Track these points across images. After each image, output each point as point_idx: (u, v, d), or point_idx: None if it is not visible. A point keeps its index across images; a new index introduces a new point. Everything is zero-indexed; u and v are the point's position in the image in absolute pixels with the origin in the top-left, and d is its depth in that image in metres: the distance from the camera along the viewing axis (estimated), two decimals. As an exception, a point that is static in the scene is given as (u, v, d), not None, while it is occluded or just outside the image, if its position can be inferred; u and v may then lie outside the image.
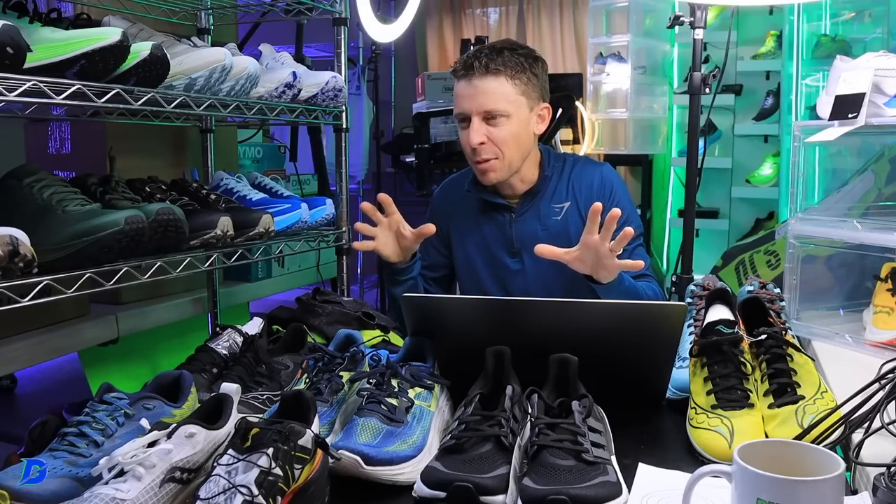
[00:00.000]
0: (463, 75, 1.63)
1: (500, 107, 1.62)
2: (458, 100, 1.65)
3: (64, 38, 1.11)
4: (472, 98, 1.62)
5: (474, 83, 1.61)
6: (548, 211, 1.71)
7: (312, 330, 1.60)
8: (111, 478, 0.83)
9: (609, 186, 1.71)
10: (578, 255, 1.43)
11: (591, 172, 1.73)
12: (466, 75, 1.62)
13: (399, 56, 4.78)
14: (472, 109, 1.62)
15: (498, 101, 1.61)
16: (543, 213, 1.71)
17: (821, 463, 0.75)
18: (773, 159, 3.65)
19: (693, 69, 2.26)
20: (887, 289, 1.42)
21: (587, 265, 1.44)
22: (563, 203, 1.71)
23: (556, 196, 1.72)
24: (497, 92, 1.61)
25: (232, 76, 1.43)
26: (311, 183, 2.91)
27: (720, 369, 1.10)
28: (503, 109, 1.62)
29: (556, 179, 1.73)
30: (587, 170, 1.74)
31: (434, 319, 1.21)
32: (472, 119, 1.62)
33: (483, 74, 1.61)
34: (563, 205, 1.71)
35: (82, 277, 1.18)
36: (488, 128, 1.62)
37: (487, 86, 1.61)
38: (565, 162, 1.76)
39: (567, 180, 1.73)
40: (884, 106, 1.41)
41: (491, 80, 1.61)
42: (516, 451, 0.96)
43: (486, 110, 1.61)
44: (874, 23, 2.95)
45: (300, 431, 0.86)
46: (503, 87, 1.62)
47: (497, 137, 1.62)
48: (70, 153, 1.95)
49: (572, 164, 1.76)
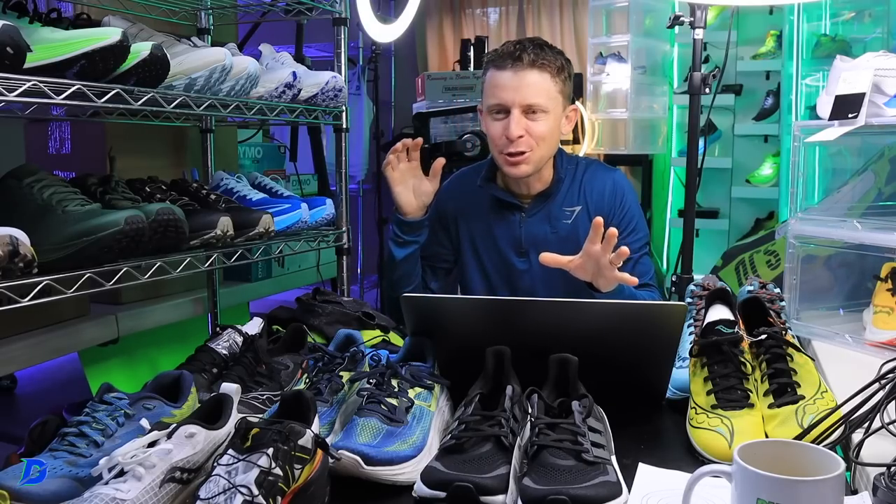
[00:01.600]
0: (508, 65, 1.60)
1: (543, 101, 1.61)
2: (498, 90, 1.62)
3: (64, 38, 1.11)
4: (517, 90, 1.60)
5: (520, 74, 1.60)
6: (559, 214, 1.71)
7: (312, 330, 1.60)
8: (111, 478, 0.83)
9: (620, 194, 1.71)
10: (580, 263, 1.44)
11: (604, 178, 1.73)
12: (513, 65, 1.60)
13: (399, 56, 4.78)
14: (514, 101, 1.60)
15: (541, 95, 1.61)
16: (554, 216, 1.70)
17: (821, 463, 0.75)
18: (773, 159, 3.65)
19: (693, 69, 2.26)
20: (887, 289, 1.42)
21: (588, 273, 1.45)
22: (574, 207, 1.71)
23: (567, 199, 1.72)
24: (542, 86, 1.61)
25: (232, 76, 1.43)
26: (311, 183, 2.91)
27: (720, 369, 1.10)
28: (545, 105, 1.62)
29: (569, 182, 1.73)
30: (599, 175, 1.73)
31: (434, 319, 1.21)
32: (512, 111, 1.60)
33: (530, 66, 1.60)
34: (575, 209, 1.71)
35: (82, 277, 1.18)
36: (527, 121, 1.61)
37: (533, 79, 1.60)
38: (577, 165, 1.76)
39: (579, 184, 1.72)
40: (884, 106, 1.41)
41: (537, 74, 1.60)
42: (516, 451, 0.96)
43: (529, 103, 1.60)
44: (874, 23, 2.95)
45: (300, 431, 0.86)
46: (547, 83, 1.62)
47: (535, 132, 1.62)
48: (70, 153, 1.95)
49: (584, 167, 1.75)
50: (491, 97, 1.64)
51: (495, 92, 1.63)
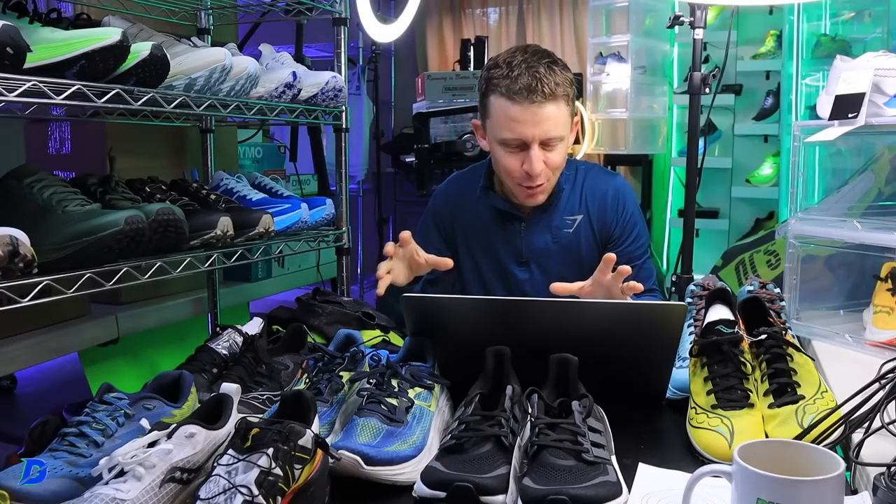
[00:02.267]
0: (524, 98, 1.50)
1: (560, 133, 1.55)
2: (515, 124, 1.52)
3: (64, 38, 1.11)
4: (536, 125, 1.51)
5: (538, 109, 1.51)
6: (560, 223, 1.68)
7: (312, 330, 1.60)
8: (111, 478, 0.83)
9: (622, 202, 1.68)
10: (590, 290, 1.41)
11: (605, 185, 1.69)
12: (529, 98, 1.50)
13: (399, 56, 4.78)
14: (534, 136, 1.52)
15: (559, 126, 1.54)
16: (555, 225, 1.68)
17: (821, 463, 0.75)
18: (773, 159, 3.65)
19: (693, 69, 2.26)
20: (887, 289, 1.42)
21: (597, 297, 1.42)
22: (575, 216, 1.68)
23: (568, 208, 1.68)
24: (559, 118, 1.54)
25: (232, 76, 1.43)
26: (311, 183, 2.91)
27: (720, 369, 1.10)
28: (562, 134, 1.56)
29: (569, 190, 1.69)
30: (601, 182, 1.70)
31: (434, 319, 1.21)
32: (531, 146, 1.53)
33: (549, 99, 1.51)
34: (576, 217, 1.68)
35: (82, 277, 1.18)
36: (545, 153, 1.55)
37: (550, 112, 1.52)
38: (577, 171, 1.71)
39: (580, 191, 1.69)
40: (884, 106, 1.41)
41: (553, 106, 1.52)
42: (516, 451, 0.96)
43: (549, 137, 1.54)
44: (874, 23, 2.95)
45: (300, 431, 0.86)
46: (563, 111, 1.55)
47: (553, 162, 1.57)
48: (70, 153, 1.95)
49: (584, 173, 1.71)
50: (506, 130, 1.54)
51: (512, 126, 1.53)
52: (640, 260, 1.67)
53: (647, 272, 1.67)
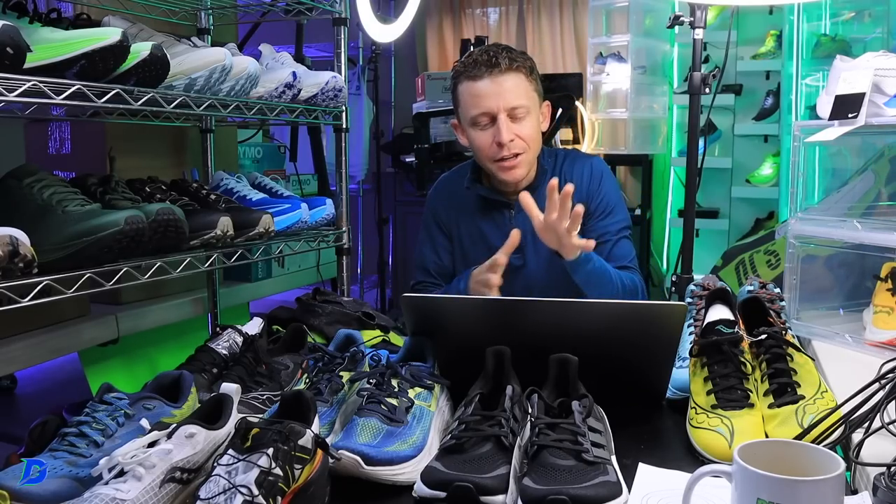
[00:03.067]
0: (485, 73, 1.61)
1: (525, 101, 1.64)
2: (480, 99, 1.63)
3: (64, 38, 1.11)
4: (499, 95, 1.61)
5: (499, 79, 1.61)
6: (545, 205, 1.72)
7: (312, 330, 1.60)
8: (111, 478, 0.83)
9: (598, 176, 1.74)
10: (543, 227, 1.50)
11: (582, 164, 1.76)
12: (489, 73, 1.61)
13: (399, 56, 4.78)
14: (499, 106, 1.61)
15: (522, 96, 1.63)
16: (542, 208, 1.71)
17: (821, 463, 0.75)
18: (773, 159, 3.65)
19: (693, 69, 2.25)
20: (887, 289, 1.42)
21: (553, 242, 1.51)
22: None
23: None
24: (521, 87, 1.63)
25: (232, 76, 1.43)
26: (311, 183, 2.91)
27: (720, 369, 1.10)
28: (527, 105, 1.64)
29: (551, 174, 1.75)
30: (578, 162, 1.77)
31: (434, 319, 1.21)
32: (498, 116, 1.61)
33: (507, 70, 1.61)
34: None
35: (82, 277, 1.18)
36: (513, 124, 1.63)
37: (512, 81, 1.62)
38: (557, 156, 1.79)
39: (560, 174, 1.75)
40: (884, 106, 1.41)
41: (514, 76, 1.62)
42: (516, 451, 0.96)
43: (513, 106, 1.62)
44: (874, 23, 2.95)
45: (300, 431, 0.86)
46: (524, 83, 1.64)
47: (523, 133, 1.64)
48: (70, 153, 1.95)
49: (563, 157, 1.79)
50: (473, 108, 1.64)
51: (476, 102, 1.63)
52: (617, 237, 1.71)
53: (623, 250, 1.71)
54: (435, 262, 1.81)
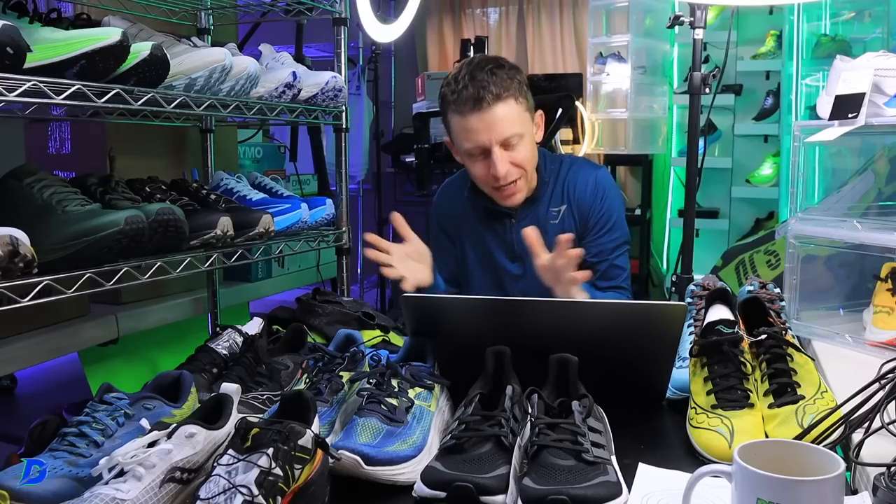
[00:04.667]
0: (471, 109, 1.56)
1: (517, 130, 1.59)
2: (471, 134, 1.59)
3: (64, 38, 1.11)
4: (490, 129, 1.57)
5: (487, 114, 1.56)
6: (546, 215, 1.71)
7: (312, 330, 1.60)
8: (111, 478, 0.83)
9: (602, 192, 1.71)
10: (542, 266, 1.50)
11: (587, 176, 1.72)
12: (476, 108, 1.56)
13: (399, 56, 4.78)
14: (490, 140, 1.57)
15: (514, 125, 1.59)
16: (542, 219, 1.71)
17: (821, 463, 0.75)
18: (773, 159, 3.65)
19: (693, 69, 2.26)
20: (887, 289, 1.42)
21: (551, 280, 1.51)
22: (559, 206, 1.72)
23: (553, 201, 1.72)
24: (511, 116, 1.58)
25: (232, 76, 1.43)
26: (311, 183, 2.91)
27: (720, 369, 1.10)
28: (520, 131, 1.60)
29: (553, 184, 1.73)
30: (582, 173, 1.73)
31: (434, 319, 1.21)
32: (492, 149, 1.58)
33: (494, 102, 1.56)
34: (560, 208, 1.72)
35: (82, 277, 1.18)
36: (508, 153, 1.60)
37: (501, 113, 1.57)
38: (561, 164, 1.76)
39: (563, 184, 1.73)
40: (884, 106, 1.41)
41: (502, 107, 1.57)
42: (516, 451, 0.96)
43: (505, 138, 1.58)
44: (874, 23, 2.95)
45: (300, 431, 0.86)
46: (513, 110, 1.59)
47: (518, 159, 1.61)
48: (70, 153, 1.95)
49: (568, 166, 1.75)
50: (465, 141, 1.61)
51: (468, 136, 1.59)
52: (612, 255, 1.69)
53: (616, 270, 1.70)
54: (446, 271, 1.80)
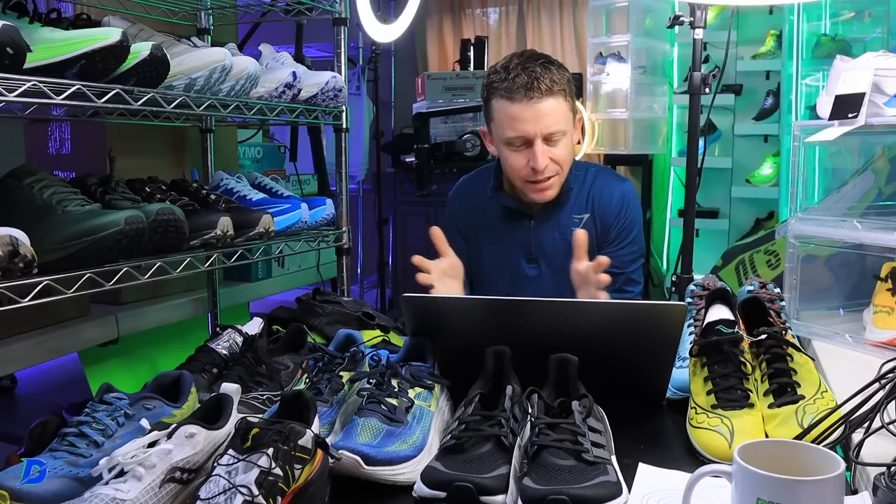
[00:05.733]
0: (522, 96, 1.56)
1: (562, 126, 1.60)
2: (517, 122, 1.58)
3: (64, 38, 1.11)
4: (537, 121, 1.56)
5: (537, 105, 1.56)
6: (567, 221, 1.71)
7: (312, 330, 1.60)
8: (111, 478, 0.83)
9: (627, 206, 1.72)
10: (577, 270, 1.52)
11: (613, 188, 1.72)
12: (527, 96, 1.55)
13: (399, 56, 4.78)
14: (536, 132, 1.57)
15: (560, 121, 1.59)
16: (563, 224, 1.71)
17: (821, 463, 0.75)
18: (773, 159, 3.65)
19: (693, 69, 2.25)
20: (887, 288, 1.42)
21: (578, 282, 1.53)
22: (582, 214, 1.72)
23: (576, 207, 1.72)
24: (559, 112, 1.58)
25: (232, 76, 1.43)
26: (311, 183, 2.91)
27: (720, 369, 1.10)
28: (563, 128, 1.60)
29: (577, 190, 1.72)
30: (609, 185, 1.73)
31: (434, 319, 1.21)
32: (535, 142, 1.58)
33: (546, 95, 1.56)
34: (583, 216, 1.72)
35: (82, 277, 1.18)
36: (549, 148, 1.59)
37: (549, 106, 1.57)
38: (587, 172, 1.75)
39: (588, 192, 1.72)
40: (884, 106, 1.41)
41: (552, 101, 1.57)
42: (516, 451, 0.96)
43: (550, 132, 1.58)
44: (874, 22, 2.95)
45: (300, 431, 0.86)
46: (562, 106, 1.59)
47: (558, 156, 1.61)
48: (70, 153, 1.95)
49: (594, 175, 1.75)
50: (509, 129, 1.59)
51: (513, 125, 1.58)
52: (629, 269, 1.71)
53: (632, 284, 1.72)
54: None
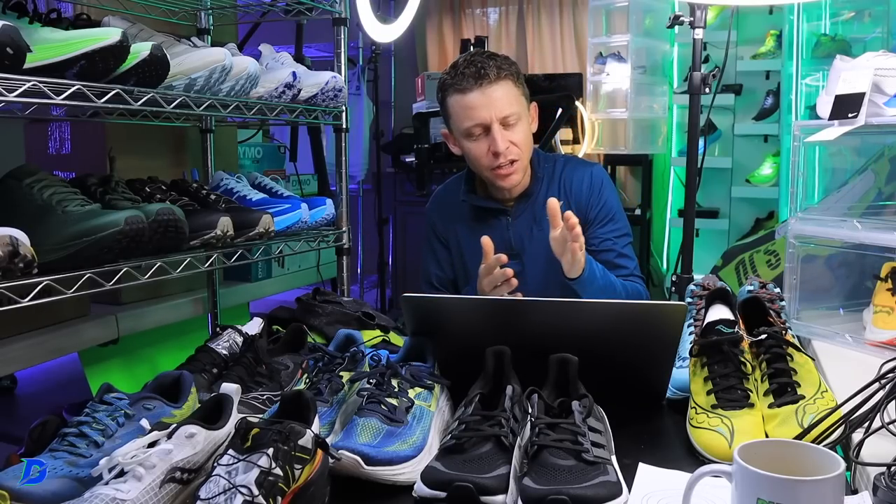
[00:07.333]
0: (474, 85, 1.62)
1: (516, 109, 1.64)
2: (472, 111, 1.63)
3: (64, 38, 1.11)
4: (490, 105, 1.62)
5: (488, 90, 1.61)
6: (542, 212, 1.71)
7: (312, 330, 1.60)
8: (111, 478, 0.83)
9: (598, 185, 1.74)
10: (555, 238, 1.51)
11: (583, 172, 1.76)
12: (479, 84, 1.61)
13: (399, 56, 4.78)
14: (491, 117, 1.62)
15: (513, 103, 1.64)
16: (539, 215, 1.71)
17: (821, 463, 0.75)
18: (773, 159, 3.65)
19: (693, 69, 2.25)
20: (887, 288, 1.42)
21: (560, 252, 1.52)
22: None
23: (548, 196, 1.72)
24: (511, 95, 1.64)
25: (232, 76, 1.43)
26: (311, 183, 2.91)
27: (720, 369, 1.10)
28: (517, 111, 1.65)
29: (548, 181, 1.75)
30: (578, 170, 1.76)
31: (434, 319, 1.21)
32: (492, 126, 1.62)
33: (496, 80, 1.62)
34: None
35: (82, 278, 1.18)
36: (506, 132, 1.63)
37: (501, 90, 1.62)
38: (556, 163, 1.79)
39: (559, 181, 1.75)
40: (884, 106, 1.41)
41: (502, 85, 1.63)
42: (516, 451, 0.96)
43: (505, 115, 1.62)
44: (874, 22, 2.94)
45: (300, 431, 0.86)
46: (513, 90, 1.65)
47: (517, 139, 1.65)
48: (70, 153, 1.95)
49: (563, 164, 1.78)
50: (465, 120, 1.64)
51: (469, 114, 1.63)
52: (617, 245, 1.72)
53: (624, 259, 1.72)
54: (437, 276, 1.82)
